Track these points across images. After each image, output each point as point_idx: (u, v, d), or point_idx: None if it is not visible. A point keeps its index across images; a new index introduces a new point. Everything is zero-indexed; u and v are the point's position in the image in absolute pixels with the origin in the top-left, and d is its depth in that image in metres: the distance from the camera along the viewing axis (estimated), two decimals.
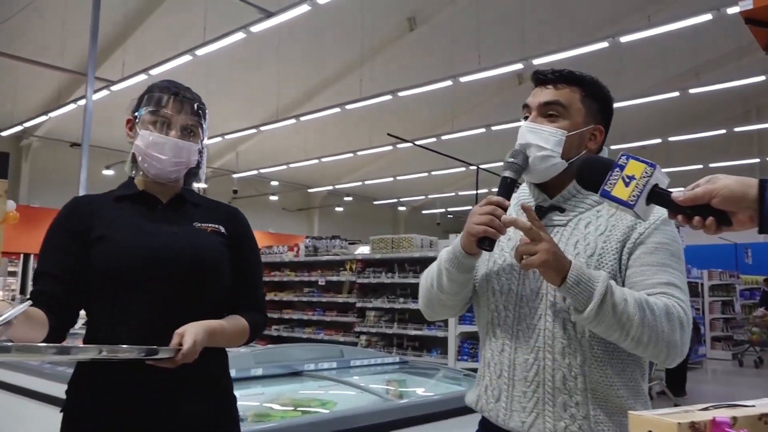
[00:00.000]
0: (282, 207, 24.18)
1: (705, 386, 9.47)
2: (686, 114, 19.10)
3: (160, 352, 1.34)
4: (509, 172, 1.43)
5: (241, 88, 15.72)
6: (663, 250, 1.38)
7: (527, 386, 1.41)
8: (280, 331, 8.72)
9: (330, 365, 3.37)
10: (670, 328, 1.29)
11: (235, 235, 1.64)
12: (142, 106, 1.55)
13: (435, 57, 14.31)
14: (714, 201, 1.02)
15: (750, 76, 11.74)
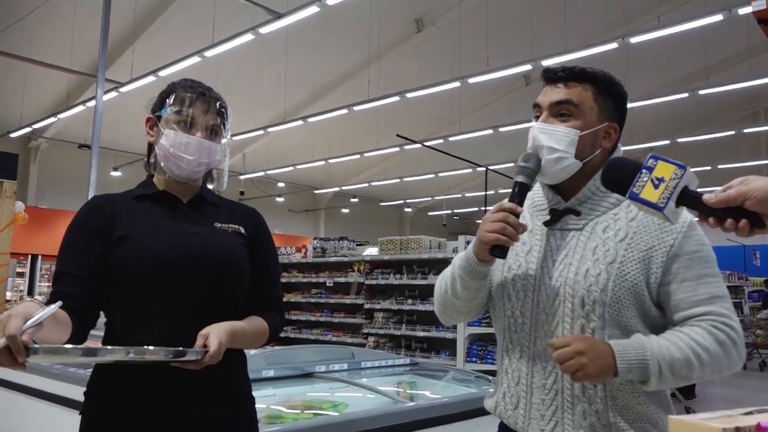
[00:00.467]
0: (288, 208, 24.21)
1: (713, 389, 9.40)
2: (695, 115, 19.02)
3: (187, 354, 1.32)
4: (522, 176, 1.40)
5: (248, 89, 15.74)
6: (697, 259, 1.34)
7: (546, 394, 1.38)
8: (288, 332, 8.70)
9: (341, 367, 3.36)
10: (726, 354, 1.29)
11: (254, 236, 1.64)
12: (168, 105, 1.54)
13: (443, 58, 14.29)
14: (748, 203, 1.00)
15: (760, 77, 11.67)
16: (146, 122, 1.59)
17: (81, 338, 1.40)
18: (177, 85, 1.59)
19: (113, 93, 11.59)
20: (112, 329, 1.48)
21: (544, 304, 1.40)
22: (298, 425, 2.32)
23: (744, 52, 15.01)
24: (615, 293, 1.32)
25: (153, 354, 1.29)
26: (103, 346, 1.30)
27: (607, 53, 10.64)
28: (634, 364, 1.24)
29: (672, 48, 13.77)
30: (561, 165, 1.41)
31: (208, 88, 1.60)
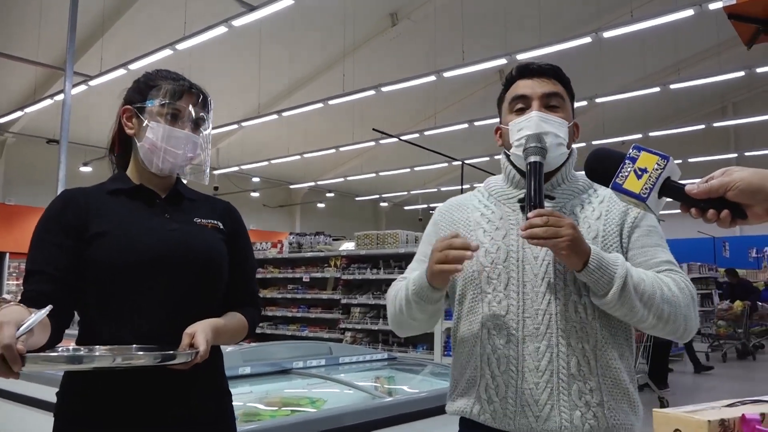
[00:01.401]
0: (263, 203, 24.05)
1: (686, 378, 9.59)
2: (666, 109, 19.33)
3: (177, 357, 1.30)
4: (536, 156, 1.41)
5: (222, 82, 15.55)
6: (655, 232, 1.46)
7: (539, 377, 1.37)
8: (264, 328, 8.64)
9: (318, 363, 3.35)
10: (685, 301, 1.35)
11: (232, 231, 1.61)
12: (153, 97, 1.49)
13: (418, 52, 14.31)
14: (729, 194, 0.99)
15: (728, 72, 11.89)
16: (122, 113, 1.54)
17: (57, 339, 1.35)
18: (158, 76, 1.54)
19: (82, 86, 11.36)
20: (91, 327, 1.44)
21: (532, 283, 1.41)
22: (276, 422, 2.29)
23: (714, 47, 15.29)
24: None
25: (142, 358, 1.27)
26: (91, 353, 1.25)
27: (581, 48, 10.74)
28: (604, 264, 1.30)
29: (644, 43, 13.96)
30: (560, 151, 1.48)
31: (185, 78, 1.57)
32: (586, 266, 1.30)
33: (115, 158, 1.59)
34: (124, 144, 1.57)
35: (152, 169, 1.51)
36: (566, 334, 1.37)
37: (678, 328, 1.35)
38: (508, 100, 1.55)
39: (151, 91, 1.50)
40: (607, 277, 1.30)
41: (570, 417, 1.34)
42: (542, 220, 1.28)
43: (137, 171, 1.55)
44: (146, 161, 1.50)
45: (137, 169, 1.55)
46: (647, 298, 1.31)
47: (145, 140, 1.48)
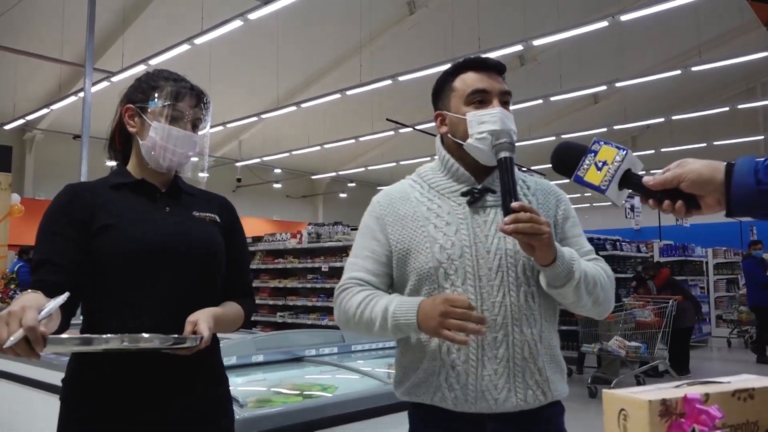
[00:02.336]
0: (286, 194, 24.18)
1: (708, 364, 9.49)
2: (690, 92, 18.96)
3: (187, 341, 1.36)
4: (508, 152, 1.44)
5: (241, 76, 15.66)
6: (578, 222, 1.62)
7: (498, 363, 1.44)
8: (285, 317, 8.76)
9: (331, 350, 3.38)
10: (611, 286, 1.54)
11: (228, 225, 1.67)
12: (156, 98, 1.56)
13: (435, 41, 14.22)
14: (683, 185, 1.02)
15: (753, 53, 11.60)
16: (124, 112, 1.60)
17: (64, 328, 1.41)
18: (159, 76, 1.60)
19: (105, 83, 11.54)
20: (96, 318, 1.50)
21: (487, 277, 1.46)
22: (288, 408, 2.35)
23: (737, 27, 14.93)
24: None
25: (152, 341, 1.32)
26: (103, 336, 1.31)
27: (600, 32, 10.58)
28: (566, 259, 1.42)
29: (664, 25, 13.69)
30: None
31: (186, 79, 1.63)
32: (554, 261, 1.39)
33: (114, 153, 1.66)
34: (124, 139, 1.64)
35: (154, 166, 1.58)
36: (519, 322, 1.46)
37: (605, 309, 1.54)
38: (465, 90, 1.55)
39: (153, 91, 1.56)
40: (568, 271, 1.41)
41: (524, 396, 1.45)
42: (527, 216, 1.34)
43: (138, 166, 1.61)
44: (148, 159, 1.57)
45: (138, 164, 1.61)
46: (591, 287, 1.47)
47: (148, 139, 1.55)
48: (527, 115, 16.28)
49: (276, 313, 8.98)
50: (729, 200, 0.99)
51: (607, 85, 13.47)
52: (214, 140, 19.66)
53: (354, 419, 2.43)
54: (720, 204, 1.01)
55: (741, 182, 0.97)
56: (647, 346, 6.86)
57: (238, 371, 2.94)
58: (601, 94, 18.59)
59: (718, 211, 1.03)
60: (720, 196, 1.00)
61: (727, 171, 0.99)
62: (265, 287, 9.30)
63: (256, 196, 22.73)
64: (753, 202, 0.96)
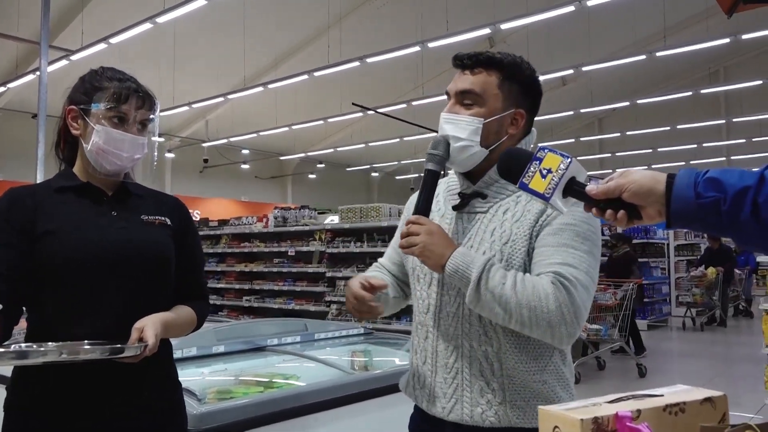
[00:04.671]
0: (254, 175, 23.97)
1: (666, 343, 9.77)
2: (654, 76, 19.23)
3: (126, 351, 1.33)
4: (432, 164, 1.43)
5: (207, 55, 15.38)
6: (568, 230, 1.36)
7: (447, 373, 1.44)
8: (251, 301, 8.73)
9: (294, 339, 3.37)
10: (549, 307, 1.28)
11: (180, 227, 1.64)
12: (99, 99, 1.50)
13: (403, 22, 14.12)
14: (624, 195, 1.03)
15: (716, 39, 11.81)
16: (67, 113, 1.54)
17: (6, 337, 1.38)
18: (103, 76, 1.54)
19: (63, 61, 11.20)
20: (41, 326, 1.46)
21: (448, 286, 1.45)
22: (249, 400, 2.34)
23: (701, 12, 15.14)
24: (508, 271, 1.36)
25: (90, 352, 1.30)
26: (37, 348, 1.27)
27: (569, 16, 10.63)
28: (461, 268, 1.33)
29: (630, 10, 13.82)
30: (467, 153, 1.44)
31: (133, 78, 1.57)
32: (443, 270, 1.35)
33: (61, 154, 1.60)
34: (70, 141, 1.58)
35: (99, 170, 1.53)
36: (470, 337, 1.41)
37: (544, 333, 1.30)
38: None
39: (96, 93, 1.50)
40: (464, 280, 1.32)
41: (471, 412, 1.40)
42: (406, 228, 1.37)
43: (84, 169, 1.56)
44: (93, 163, 1.52)
45: (84, 167, 1.56)
46: (504, 302, 1.29)
47: (91, 143, 1.49)
48: None
49: (242, 298, 8.94)
50: (668, 212, 1.00)
51: (574, 69, 13.58)
52: (179, 120, 19.37)
53: (316, 410, 2.43)
54: (660, 215, 1.02)
55: (680, 195, 0.98)
56: (607, 328, 7.04)
57: (199, 362, 2.91)
58: (568, 77, 18.74)
59: (659, 222, 1.04)
60: (660, 207, 1.01)
61: (668, 183, 1.00)
62: (231, 271, 9.24)
63: (224, 176, 22.48)
64: (691, 214, 0.97)
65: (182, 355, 2.79)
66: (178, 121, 19.22)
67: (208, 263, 9.43)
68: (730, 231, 0.96)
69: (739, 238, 0.97)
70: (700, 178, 0.97)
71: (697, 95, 16.44)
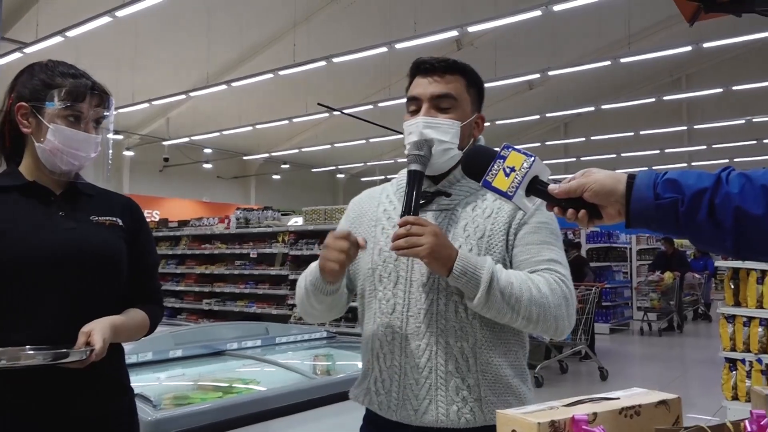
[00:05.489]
0: (217, 175, 23.72)
1: (628, 347, 9.99)
2: (618, 82, 19.66)
3: (70, 355, 1.30)
4: (417, 165, 1.43)
5: (168, 51, 15.16)
6: (544, 228, 1.46)
7: (419, 373, 1.42)
8: (212, 304, 8.63)
9: (254, 343, 3.35)
10: (555, 302, 1.37)
11: (132, 228, 1.60)
12: (53, 98, 1.45)
13: (370, 23, 14.15)
14: (585, 194, 1.05)
15: (679, 46, 12.14)
16: (17, 110, 1.48)
17: None
18: (56, 72, 1.49)
19: (17, 54, 10.90)
20: None
21: (419, 282, 1.45)
22: (207, 405, 2.31)
23: (665, 21, 15.56)
24: None
25: (33, 358, 1.26)
26: None
27: (535, 20, 10.80)
28: (470, 269, 1.33)
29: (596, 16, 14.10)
30: (448, 156, 1.49)
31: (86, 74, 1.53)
32: (451, 272, 1.34)
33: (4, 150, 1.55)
34: (15, 137, 1.53)
35: (52, 169, 1.49)
36: (445, 333, 1.42)
37: (549, 328, 1.38)
38: (407, 99, 1.55)
39: (49, 90, 1.46)
40: (473, 281, 1.33)
41: (446, 411, 1.40)
42: (405, 229, 1.33)
43: (32, 167, 1.51)
44: (46, 162, 1.48)
45: (32, 165, 1.51)
46: (515, 301, 1.34)
47: (45, 142, 1.46)
48: None
49: (202, 300, 8.81)
50: (628, 212, 1.02)
51: (540, 73, 13.79)
52: (139, 117, 19.05)
53: (277, 415, 2.42)
54: (621, 215, 1.04)
55: (640, 195, 1.00)
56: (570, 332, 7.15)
57: (155, 367, 2.87)
58: (535, 82, 19.03)
59: (619, 221, 1.07)
60: (621, 207, 1.03)
61: (628, 183, 1.02)
62: (191, 274, 9.12)
63: (185, 176, 22.21)
64: (650, 215, 1.00)
65: (137, 360, 2.75)
66: (138, 118, 18.90)
67: (167, 265, 9.28)
68: (687, 232, 0.98)
69: (695, 238, 0.99)
70: (660, 179, 1.00)
71: (659, 102, 16.87)
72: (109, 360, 1.44)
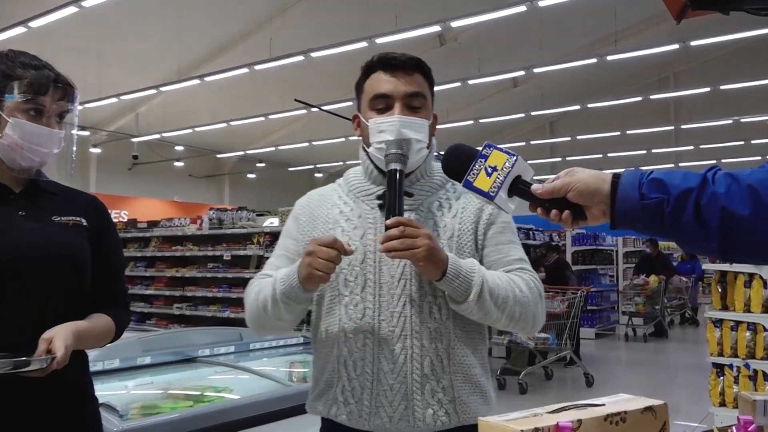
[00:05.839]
0: (189, 174, 23.53)
1: (615, 352, 10.10)
2: (605, 80, 19.87)
3: (31, 364, 1.28)
4: (399, 164, 1.43)
5: (138, 43, 14.99)
6: (508, 229, 1.56)
7: (394, 378, 1.42)
8: (183, 309, 8.55)
9: (227, 350, 3.33)
10: (533, 300, 1.46)
11: (96, 228, 1.59)
12: (13, 90, 1.43)
13: (350, 16, 14.12)
14: (569, 195, 1.05)
15: (667, 44, 12.30)
16: None
17: None
18: (16, 63, 1.47)
19: None
20: None
21: (389, 285, 1.45)
22: (177, 415, 2.30)
23: (652, 17, 15.75)
24: None
25: None
26: None
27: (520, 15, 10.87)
28: (462, 272, 1.37)
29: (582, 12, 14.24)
30: (420, 155, 1.52)
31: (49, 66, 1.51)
32: (444, 275, 1.35)
33: None
34: None
35: (12, 166, 1.47)
36: (420, 335, 1.43)
37: (527, 325, 1.47)
38: (370, 94, 1.55)
39: (9, 81, 1.44)
40: (465, 285, 1.36)
41: (423, 415, 1.41)
42: (399, 230, 1.32)
43: None
44: (5, 158, 1.46)
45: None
46: (501, 302, 1.40)
47: (4, 137, 1.44)
48: (445, 98, 16.51)
49: (173, 305, 8.72)
50: (613, 212, 1.03)
51: (525, 70, 13.89)
52: (107, 113, 18.84)
53: (251, 424, 2.41)
54: (605, 215, 1.05)
55: (625, 195, 1.01)
56: (555, 337, 7.21)
57: (122, 375, 2.85)
58: (520, 79, 19.16)
59: (603, 222, 1.07)
60: (605, 207, 1.04)
61: (613, 183, 1.03)
62: (161, 277, 9.02)
63: (155, 175, 22.00)
64: (635, 215, 1.01)
65: (103, 367, 2.72)
66: (106, 113, 18.68)
67: (135, 267, 9.18)
68: (673, 233, 0.99)
69: (681, 239, 1.00)
70: (645, 179, 1.01)
71: (647, 101, 17.08)
72: (72, 368, 1.42)
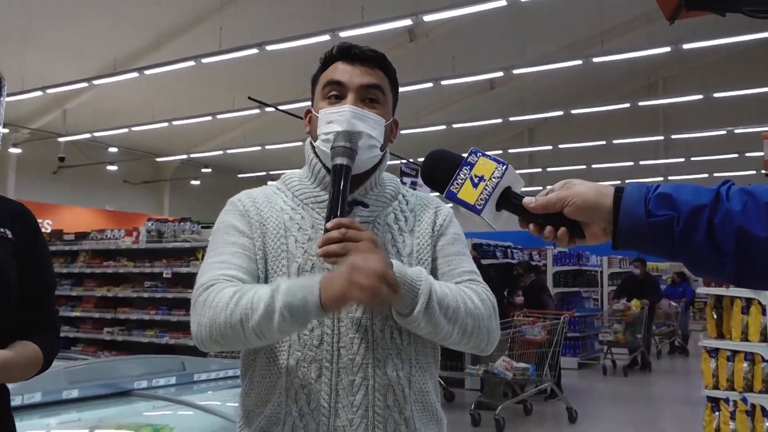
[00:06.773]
0: (123, 179, 23.32)
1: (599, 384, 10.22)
2: (590, 84, 20.29)
3: None
4: (344, 159, 1.42)
5: (68, 30, 14.81)
6: (459, 240, 1.60)
7: (354, 412, 1.41)
8: (114, 334, 8.45)
9: (167, 381, 3.29)
10: (487, 313, 1.47)
11: (23, 241, 1.56)
12: None
13: (311, 6, 14.16)
14: (566, 210, 1.04)
15: (657, 46, 12.60)
16: None
17: None
18: None
19: None
20: None
21: (348, 309, 1.42)
22: None
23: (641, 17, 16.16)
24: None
25: None
26: None
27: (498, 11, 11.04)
28: (407, 280, 1.36)
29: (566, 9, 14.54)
30: (372, 154, 1.52)
31: None
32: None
33: None
34: None
35: None
36: (383, 363, 1.43)
37: (481, 341, 1.47)
38: (323, 83, 1.55)
39: None
40: (411, 294, 1.35)
41: None
42: (340, 232, 1.32)
43: None
44: None
45: None
46: (452, 313, 1.40)
47: None
48: (415, 100, 16.65)
49: (103, 329, 8.58)
50: (615, 231, 1.01)
51: (503, 71, 14.08)
52: (30, 108, 18.55)
53: None
54: (606, 234, 1.04)
55: (629, 212, 0.99)
56: (536, 367, 7.23)
57: (45, 411, 2.80)
58: (497, 81, 19.43)
59: (604, 241, 1.06)
60: (607, 225, 1.03)
61: (615, 198, 1.02)
62: (90, 296, 8.88)
63: (85, 179, 21.77)
64: (641, 234, 0.99)
65: (22, 402, 2.66)
66: (29, 109, 18.41)
67: (60, 286, 8.99)
68: (682, 254, 0.98)
69: (690, 261, 0.99)
70: (651, 194, 0.99)
71: (634, 108, 17.47)
72: None
